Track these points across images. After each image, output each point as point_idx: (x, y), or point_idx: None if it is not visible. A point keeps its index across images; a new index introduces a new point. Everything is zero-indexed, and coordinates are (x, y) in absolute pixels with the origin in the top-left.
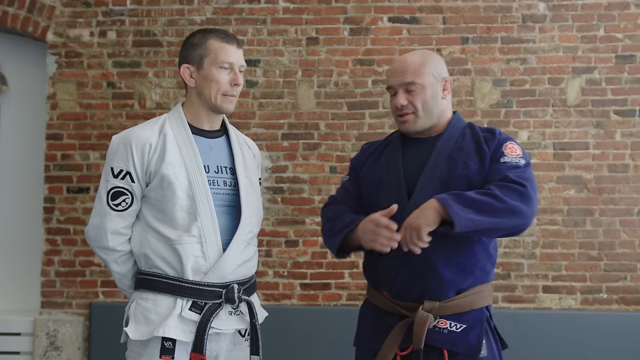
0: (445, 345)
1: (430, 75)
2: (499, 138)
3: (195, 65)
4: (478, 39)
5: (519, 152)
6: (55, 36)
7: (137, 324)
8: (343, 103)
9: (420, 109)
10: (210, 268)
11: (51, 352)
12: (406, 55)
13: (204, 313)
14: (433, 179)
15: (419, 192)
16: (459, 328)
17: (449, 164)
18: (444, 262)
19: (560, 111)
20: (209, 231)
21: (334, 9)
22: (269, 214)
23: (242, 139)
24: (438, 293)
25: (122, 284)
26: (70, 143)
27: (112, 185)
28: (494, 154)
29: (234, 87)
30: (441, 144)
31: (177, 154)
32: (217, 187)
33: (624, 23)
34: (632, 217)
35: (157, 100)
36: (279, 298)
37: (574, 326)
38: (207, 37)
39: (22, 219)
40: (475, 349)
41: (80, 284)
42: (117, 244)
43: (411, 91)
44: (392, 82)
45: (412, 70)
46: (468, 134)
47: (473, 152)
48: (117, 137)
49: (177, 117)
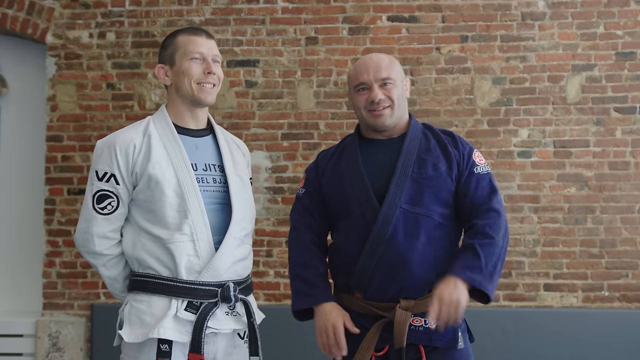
0: (422, 342)
1: (399, 73)
2: (464, 143)
3: (168, 63)
4: (477, 37)
5: (484, 160)
6: (55, 38)
7: (132, 326)
8: (342, 102)
9: (395, 102)
10: (203, 266)
11: (53, 354)
12: (372, 55)
13: (200, 312)
14: (404, 178)
15: (394, 192)
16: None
17: (419, 164)
18: (418, 260)
19: (560, 109)
20: (200, 229)
21: (332, 9)
22: (270, 214)
23: (229, 138)
24: (413, 291)
25: (113, 288)
26: (70, 145)
27: (97, 189)
28: (465, 163)
29: (209, 76)
30: (408, 142)
31: (162, 153)
32: (206, 185)
33: (624, 20)
34: (633, 214)
35: (156, 101)
36: (280, 298)
37: (575, 324)
38: (176, 35)
39: (23, 220)
40: (452, 342)
41: (81, 285)
42: (105, 248)
43: (386, 85)
44: (365, 78)
45: (385, 67)
46: (430, 136)
47: (440, 154)
48: (102, 141)
49: (162, 117)
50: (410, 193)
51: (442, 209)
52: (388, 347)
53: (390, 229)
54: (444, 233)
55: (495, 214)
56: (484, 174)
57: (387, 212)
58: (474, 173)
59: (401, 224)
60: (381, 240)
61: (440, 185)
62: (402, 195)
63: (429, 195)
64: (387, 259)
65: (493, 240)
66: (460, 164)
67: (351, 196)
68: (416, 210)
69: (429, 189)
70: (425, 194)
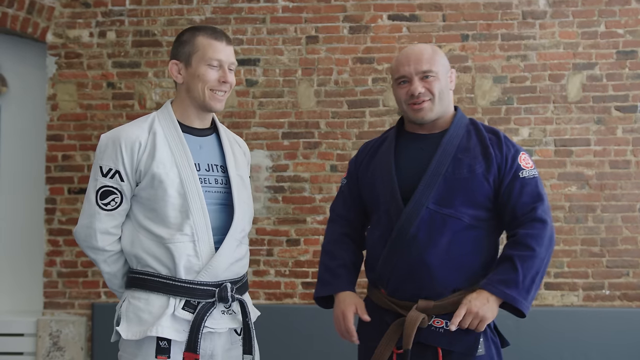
0: (440, 344)
1: (442, 65)
2: (509, 145)
3: (183, 62)
4: (478, 36)
5: (531, 164)
6: (55, 37)
7: (130, 323)
8: (343, 101)
9: (437, 95)
10: (202, 267)
11: (54, 353)
12: (414, 46)
13: (197, 312)
14: (436, 177)
15: (421, 192)
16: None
17: (454, 164)
18: (438, 261)
19: (561, 108)
20: (201, 230)
21: (333, 7)
22: (270, 213)
23: (232, 137)
24: (432, 292)
25: (112, 284)
26: (71, 144)
27: (101, 185)
28: (508, 166)
29: (222, 84)
30: (447, 140)
31: (167, 152)
32: (208, 185)
33: (625, 19)
34: (634, 213)
35: (157, 100)
36: (281, 297)
37: (576, 323)
38: (195, 34)
39: (23, 220)
40: (472, 347)
41: (82, 284)
42: (107, 244)
43: (427, 78)
44: (405, 70)
45: (427, 59)
46: (473, 133)
47: (479, 155)
48: (106, 135)
49: (167, 115)
50: (441, 193)
51: (476, 212)
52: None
53: (413, 228)
54: (476, 235)
55: (540, 224)
56: (530, 179)
57: (411, 210)
58: (518, 177)
59: (425, 224)
60: (402, 239)
61: (474, 187)
62: (431, 195)
63: (461, 197)
64: (407, 258)
65: (534, 252)
66: (501, 167)
67: (379, 191)
68: (444, 211)
69: (462, 191)
70: (456, 195)
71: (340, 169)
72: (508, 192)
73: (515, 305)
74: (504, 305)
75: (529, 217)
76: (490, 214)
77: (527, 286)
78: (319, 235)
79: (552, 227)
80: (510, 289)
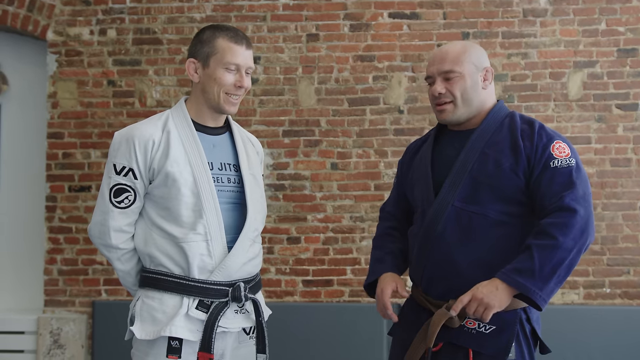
0: (471, 345)
1: (471, 64)
2: (542, 134)
3: (201, 61)
4: (479, 33)
5: (567, 152)
6: (56, 35)
7: (144, 322)
8: (344, 99)
9: (459, 97)
10: (216, 266)
11: (55, 350)
12: (447, 45)
13: (211, 312)
14: (462, 175)
15: (447, 188)
16: (488, 329)
17: (480, 159)
18: (467, 261)
19: (562, 106)
20: (214, 229)
21: (333, 5)
22: (271, 210)
23: (245, 136)
24: (462, 292)
25: (126, 282)
26: (71, 142)
27: (114, 182)
28: (539, 155)
29: (238, 89)
30: (475, 137)
31: (181, 151)
32: (221, 184)
33: (626, 16)
34: (634, 211)
35: (157, 98)
36: (281, 295)
37: (576, 321)
38: (216, 34)
39: (24, 218)
40: (502, 351)
41: (83, 282)
42: (121, 242)
43: (450, 79)
44: (430, 70)
45: (451, 59)
46: (506, 126)
47: (507, 148)
48: (120, 133)
49: (181, 113)
50: (467, 190)
51: (506, 207)
52: (442, 344)
53: (440, 227)
54: (507, 232)
55: (567, 212)
56: (563, 168)
57: (437, 209)
58: (549, 167)
59: (452, 222)
60: (429, 237)
61: (502, 183)
62: (457, 193)
63: (489, 193)
64: (436, 257)
65: (555, 241)
66: (531, 158)
67: (418, 190)
68: (470, 208)
69: (489, 187)
70: (483, 191)
71: (340, 166)
72: (537, 182)
73: (528, 295)
74: (520, 297)
75: (556, 207)
76: (525, 208)
77: (544, 277)
78: (319, 233)
79: (585, 216)
80: (524, 278)
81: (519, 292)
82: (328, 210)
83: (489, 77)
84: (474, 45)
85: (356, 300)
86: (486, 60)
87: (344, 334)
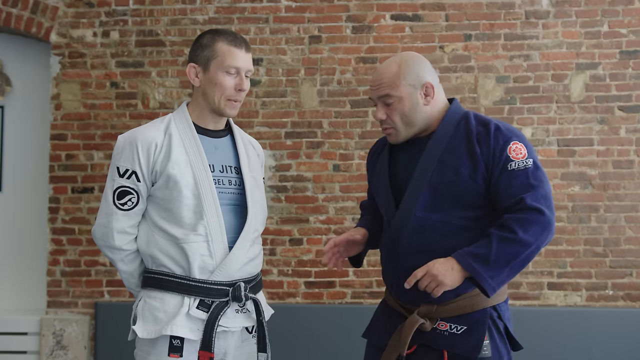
0: (444, 347)
1: (406, 86)
2: (498, 137)
3: (201, 66)
4: (481, 35)
5: (524, 153)
6: (59, 37)
7: (145, 322)
8: (346, 101)
9: (398, 122)
10: (216, 266)
11: (57, 352)
12: (383, 65)
13: (212, 311)
14: (421, 184)
15: (408, 199)
16: (460, 330)
17: (439, 167)
18: None
19: (564, 107)
20: (215, 230)
21: (336, 7)
22: (273, 212)
23: (246, 139)
24: (433, 297)
25: (129, 283)
26: (74, 143)
27: (118, 185)
28: (496, 159)
29: (239, 93)
30: (431, 144)
31: (182, 154)
32: (222, 186)
33: (628, 18)
34: (637, 213)
35: (160, 99)
36: (284, 296)
37: (579, 323)
38: (216, 39)
39: (27, 219)
40: (474, 350)
41: (85, 283)
42: (124, 243)
43: (389, 104)
44: (370, 94)
45: (387, 83)
46: (461, 130)
47: (464, 155)
48: (123, 136)
49: (182, 116)
50: (427, 200)
51: (468, 212)
52: (416, 346)
53: (405, 238)
54: (472, 236)
55: (529, 211)
56: (520, 171)
57: (400, 221)
58: (506, 170)
59: (416, 233)
60: (397, 248)
61: (462, 190)
62: (417, 203)
63: (449, 201)
64: (403, 265)
65: (515, 235)
66: (488, 163)
67: (379, 198)
68: (433, 217)
69: (449, 195)
70: (444, 200)
71: (342, 168)
72: (496, 186)
73: (479, 281)
74: (471, 280)
75: (518, 208)
76: (487, 211)
77: (498, 267)
78: (321, 235)
79: (548, 215)
80: (478, 263)
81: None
82: (330, 212)
83: (430, 92)
84: (411, 60)
85: (358, 302)
86: (426, 73)
87: (346, 336)
